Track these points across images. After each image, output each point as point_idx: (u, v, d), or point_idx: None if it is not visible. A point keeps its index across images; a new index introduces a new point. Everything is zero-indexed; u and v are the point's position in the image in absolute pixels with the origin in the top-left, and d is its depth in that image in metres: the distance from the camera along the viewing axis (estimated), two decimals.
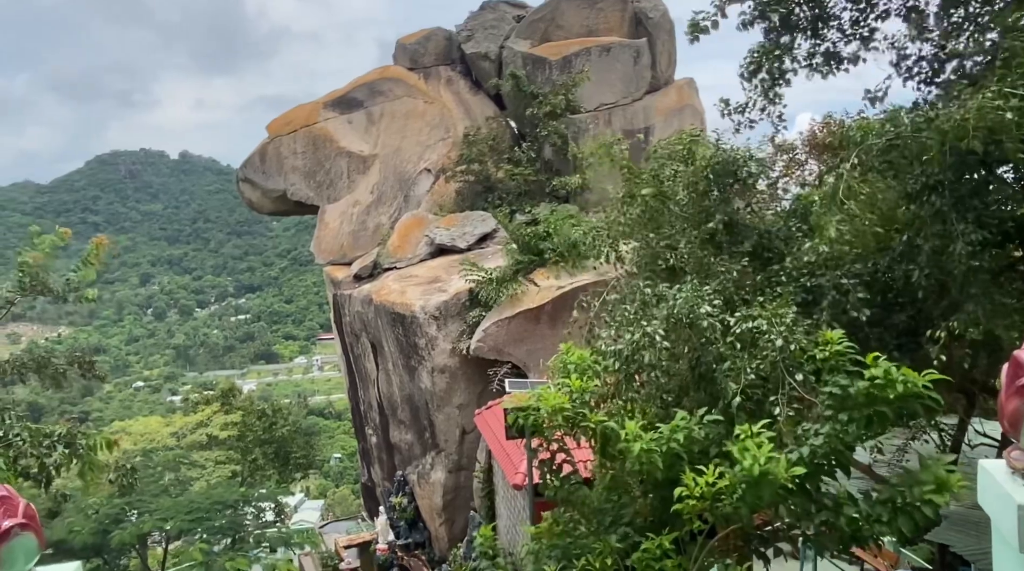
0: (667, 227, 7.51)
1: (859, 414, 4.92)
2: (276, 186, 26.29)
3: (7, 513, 1.97)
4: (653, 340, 6.11)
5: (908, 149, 5.94)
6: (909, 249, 6.36)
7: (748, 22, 7.47)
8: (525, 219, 21.17)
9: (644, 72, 25.22)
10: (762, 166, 7.30)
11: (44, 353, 8.75)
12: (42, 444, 7.01)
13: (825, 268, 6.56)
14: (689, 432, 5.49)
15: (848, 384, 4.95)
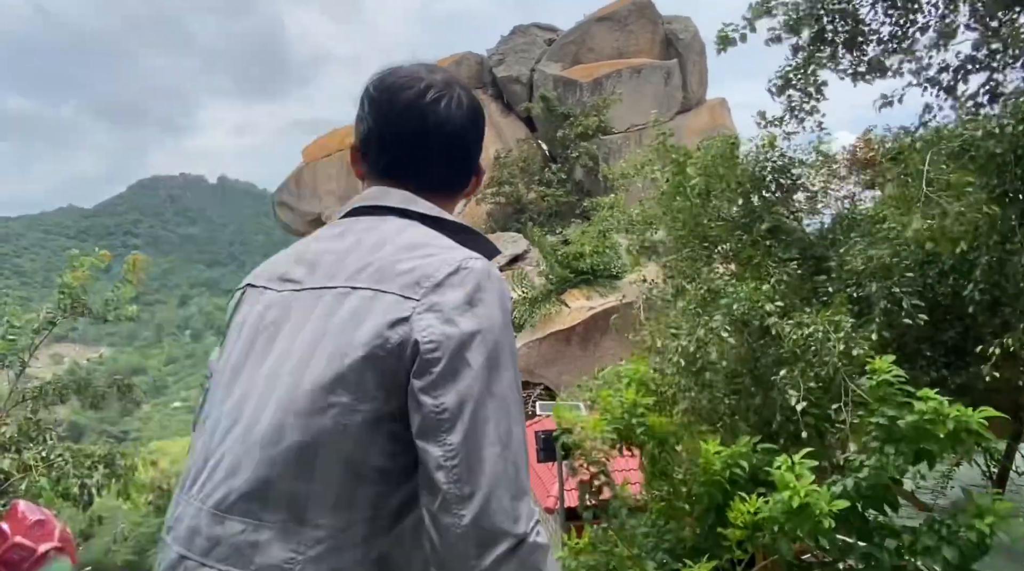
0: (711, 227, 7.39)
1: (907, 448, 4.73)
2: (311, 209, 26.73)
3: (44, 536, 1.99)
4: (720, 336, 5.90)
5: (979, 156, 5.76)
6: (962, 261, 6.16)
7: (775, 38, 7.40)
8: (556, 240, 21.18)
9: (675, 93, 25.20)
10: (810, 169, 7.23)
11: (85, 375, 8.96)
12: (83, 465, 7.13)
13: (873, 278, 6.39)
14: (750, 458, 5.34)
15: (896, 416, 4.77)
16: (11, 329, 8.09)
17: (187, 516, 1.02)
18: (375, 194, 1.21)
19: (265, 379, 1.04)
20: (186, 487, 1.05)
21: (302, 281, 1.11)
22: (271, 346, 1.07)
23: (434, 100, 1.22)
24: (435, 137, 1.22)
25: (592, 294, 18.44)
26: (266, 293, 1.14)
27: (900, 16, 7.23)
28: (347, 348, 0.99)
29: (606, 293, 18.39)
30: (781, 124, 7.53)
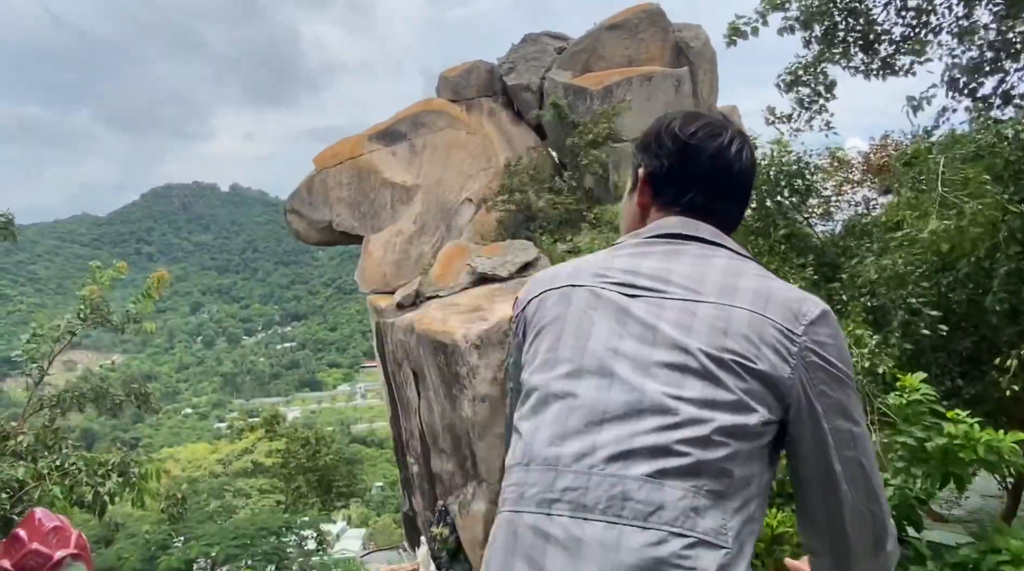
0: None
1: (934, 470, 4.64)
2: (322, 217, 26.86)
3: (60, 543, 2.02)
4: None
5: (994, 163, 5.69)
6: (977, 270, 6.09)
7: (789, 28, 7.35)
8: (566, 248, 21.17)
9: (686, 100, 25.19)
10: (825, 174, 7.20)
11: (101, 383, 9.05)
12: (97, 473, 7.18)
13: (888, 286, 6.33)
14: None
15: (925, 437, 4.66)
16: (34, 337, 8.19)
17: (594, 486, 1.09)
18: (684, 224, 1.37)
19: (666, 370, 1.16)
20: (565, 462, 1.13)
21: (664, 291, 1.25)
22: (652, 343, 1.19)
23: (737, 151, 1.41)
24: (736, 182, 1.42)
25: None
26: (607, 293, 1.28)
27: (913, 16, 7.21)
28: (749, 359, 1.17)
29: None
30: (789, 121, 7.50)
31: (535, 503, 1.11)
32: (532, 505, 1.11)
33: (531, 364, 1.28)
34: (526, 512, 1.11)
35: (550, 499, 1.10)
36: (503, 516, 1.15)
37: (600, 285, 1.29)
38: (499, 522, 1.15)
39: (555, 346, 1.25)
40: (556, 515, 1.08)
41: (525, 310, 1.38)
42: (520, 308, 1.40)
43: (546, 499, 1.10)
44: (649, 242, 1.36)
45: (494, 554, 1.13)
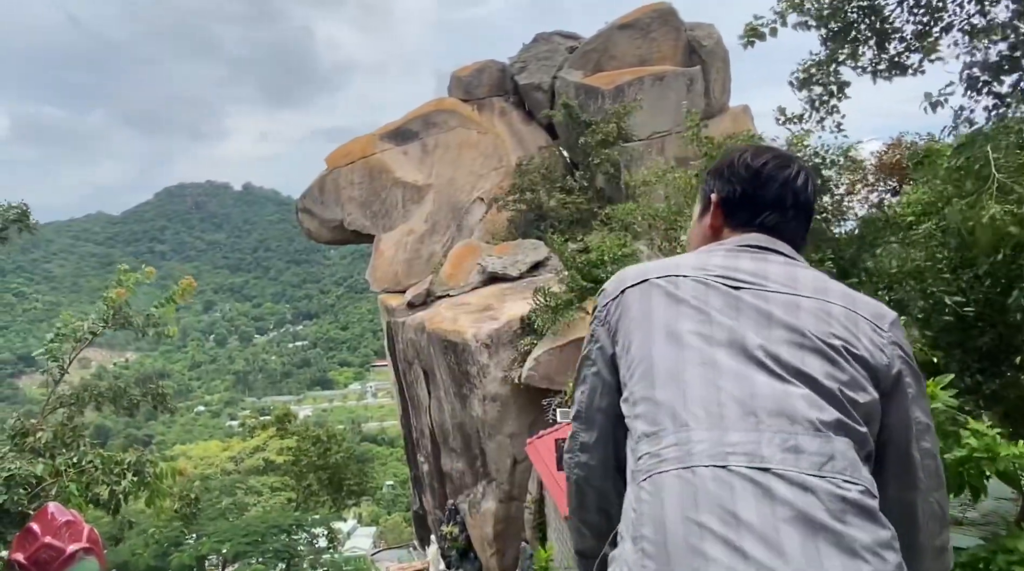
0: None
1: (953, 481, 4.58)
2: (334, 216, 26.96)
3: (72, 538, 2.03)
4: None
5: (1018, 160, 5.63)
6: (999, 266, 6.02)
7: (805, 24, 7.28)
8: (577, 247, 21.14)
9: (698, 100, 25.09)
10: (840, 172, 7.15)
11: (119, 382, 9.14)
12: (113, 472, 7.24)
13: (908, 278, 6.29)
14: None
15: (944, 449, 4.60)
16: (58, 336, 8.28)
17: (766, 441, 1.15)
18: (765, 239, 1.52)
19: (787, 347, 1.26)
20: (730, 420, 1.19)
21: (765, 286, 1.37)
22: (768, 325, 1.29)
23: (804, 181, 1.58)
24: (803, 207, 1.58)
25: None
26: (715, 283, 1.38)
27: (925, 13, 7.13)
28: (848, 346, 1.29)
29: None
30: (800, 121, 7.45)
31: (707, 457, 1.13)
32: (705, 459, 1.13)
33: (645, 343, 1.33)
34: (699, 466, 1.12)
35: (725, 452, 1.13)
36: (668, 476, 1.14)
37: (704, 277, 1.39)
38: (660, 482, 1.15)
39: (675, 324, 1.32)
40: (735, 467, 1.11)
41: (620, 299, 1.44)
42: (611, 297, 1.47)
43: (720, 452, 1.13)
44: (737, 250, 1.49)
45: (669, 509, 1.11)
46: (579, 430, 1.49)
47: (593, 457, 1.47)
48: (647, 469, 1.18)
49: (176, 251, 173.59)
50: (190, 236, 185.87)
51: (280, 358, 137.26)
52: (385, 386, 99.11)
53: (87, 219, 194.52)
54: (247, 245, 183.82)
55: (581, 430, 1.49)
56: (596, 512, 1.51)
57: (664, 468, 1.15)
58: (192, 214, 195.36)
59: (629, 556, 1.12)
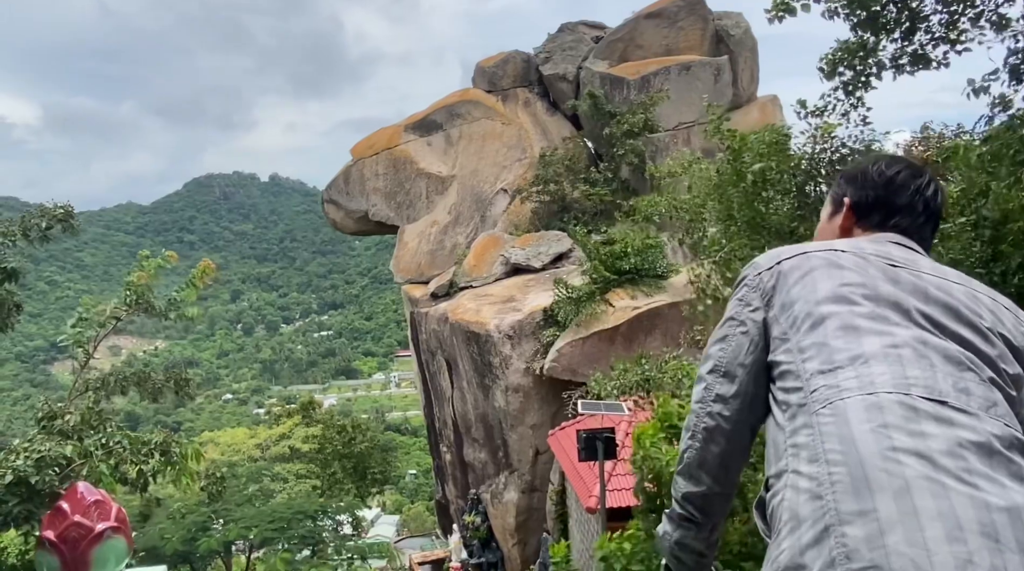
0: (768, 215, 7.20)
1: None
2: (359, 207, 27.13)
3: (101, 516, 2.07)
4: None
5: None
6: None
7: (835, 11, 7.10)
8: (601, 239, 21.06)
9: (725, 90, 24.79)
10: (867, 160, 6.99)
11: (144, 368, 9.32)
12: (140, 452, 7.41)
13: None
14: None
15: None
16: (80, 321, 8.44)
17: (940, 379, 1.23)
18: (901, 239, 1.63)
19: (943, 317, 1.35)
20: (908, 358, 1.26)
21: (918, 268, 1.47)
22: (925, 300, 1.38)
23: (934, 190, 1.70)
24: (932, 216, 1.70)
25: (637, 294, 18.29)
26: (873, 258, 1.47)
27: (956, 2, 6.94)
28: None
29: (651, 293, 18.21)
30: (822, 115, 7.30)
31: (891, 386, 1.20)
32: (888, 387, 1.20)
33: (810, 301, 1.41)
34: (883, 392, 1.19)
35: (906, 383, 1.20)
36: (851, 400, 1.20)
37: (862, 253, 1.48)
38: (842, 407, 1.20)
39: (840, 287, 1.40)
40: (916, 395, 1.18)
41: (776, 269, 1.53)
42: (765, 268, 1.55)
43: (902, 383, 1.20)
44: (883, 241, 1.60)
45: (855, 425, 1.16)
46: (716, 383, 1.56)
47: (728, 408, 1.53)
48: (825, 398, 1.24)
49: (204, 241, 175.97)
50: (218, 226, 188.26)
51: (306, 347, 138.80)
52: (409, 376, 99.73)
53: (118, 209, 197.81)
54: (274, 235, 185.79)
55: (718, 383, 1.55)
56: (718, 463, 1.57)
57: (846, 396, 1.22)
58: (220, 204, 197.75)
59: (812, 475, 1.15)
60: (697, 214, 8.28)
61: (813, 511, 1.13)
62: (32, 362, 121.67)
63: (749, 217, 7.17)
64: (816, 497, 1.13)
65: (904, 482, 1.07)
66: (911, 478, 1.08)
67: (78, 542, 2.01)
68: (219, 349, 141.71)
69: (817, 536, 1.10)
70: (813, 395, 1.26)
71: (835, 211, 1.80)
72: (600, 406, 10.86)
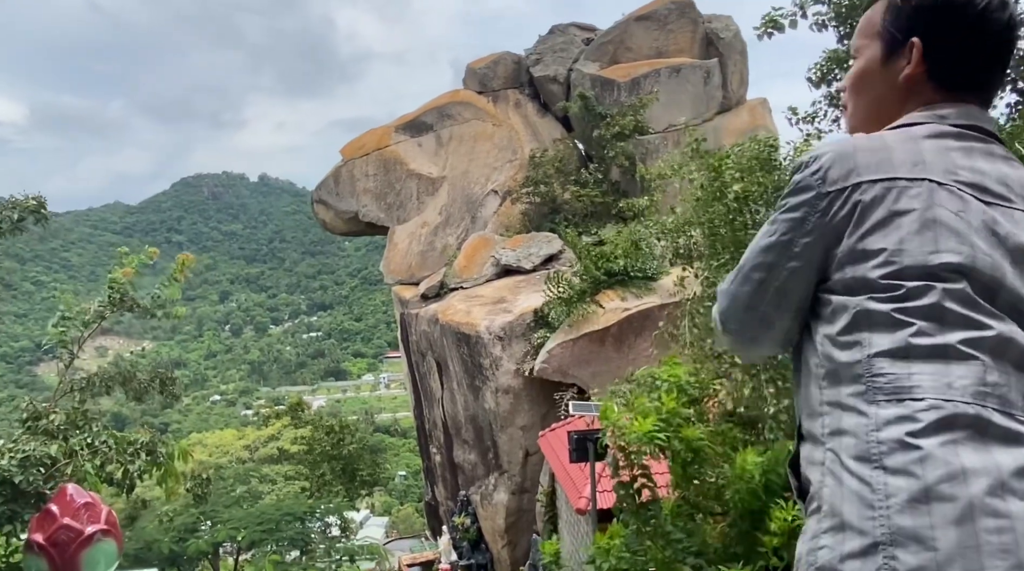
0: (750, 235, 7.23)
1: None
2: (349, 207, 27.04)
3: (91, 519, 2.05)
4: None
5: None
6: None
7: (823, 23, 7.17)
8: (591, 240, 21.08)
9: (715, 92, 24.90)
10: None
11: (129, 368, 9.24)
12: (126, 452, 7.35)
13: None
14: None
15: None
16: (63, 320, 8.35)
17: (1013, 384, 1.12)
18: (984, 117, 1.32)
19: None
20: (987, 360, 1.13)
21: (1011, 200, 1.24)
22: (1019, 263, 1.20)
23: (997, 9, 1.29)
24: (1005, 49, 1.31)
25: (627, 295, 18.33)
26: (968, 198, 1.22)
27: None
28: None
29: (641, 294, 18.25)
30: (813, 121, 7.35)
31: (970, 395, 1.08)
32: (968, 396, 1.08)
33: (895, 264, 1.19)
34: (959, 401, 1.08)
35: (984, 392, 1.09)
36: (922, 404, 1.08)
37: (958, 186, 1.22)
38: (913, 407, 1.08)
39: (930, 257, 1.18)
40: (991, 408, 1.08)
41: (857, 195, 1.23)
42: (835, 186, 1.25)
43: (980, 392, 1.09)
44: (968, 142, 1.30)
45: (924, 437, 1.05)
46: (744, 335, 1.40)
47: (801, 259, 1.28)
48: (892, 389, 1.11)
49: (193, 241, 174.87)
50: (206, 226, 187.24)
51: (294, 348, 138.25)
52: (398, 377, 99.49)
53: (105, 208, 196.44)
54: (263, 236, 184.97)
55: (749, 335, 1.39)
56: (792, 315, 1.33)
57: (917, 394, 1.09)
58: (208, 204, 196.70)
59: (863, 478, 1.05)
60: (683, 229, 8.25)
61: (862, 519, 1.04)
62: (18, 363, 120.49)
63: (731, 236, 7.16)
64: (868, 506, 1.04)
65: (969, 506, 0.98)
66: (977, 503, 0.98)
67: (67, 545, 1.98)
68: (207, 350, 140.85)
69: (864, 549, 1.01)
70: (875, 379, 1.13)
71: (891, 53, 1.38)
72: (591, 407, 10.85)
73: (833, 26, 7.07)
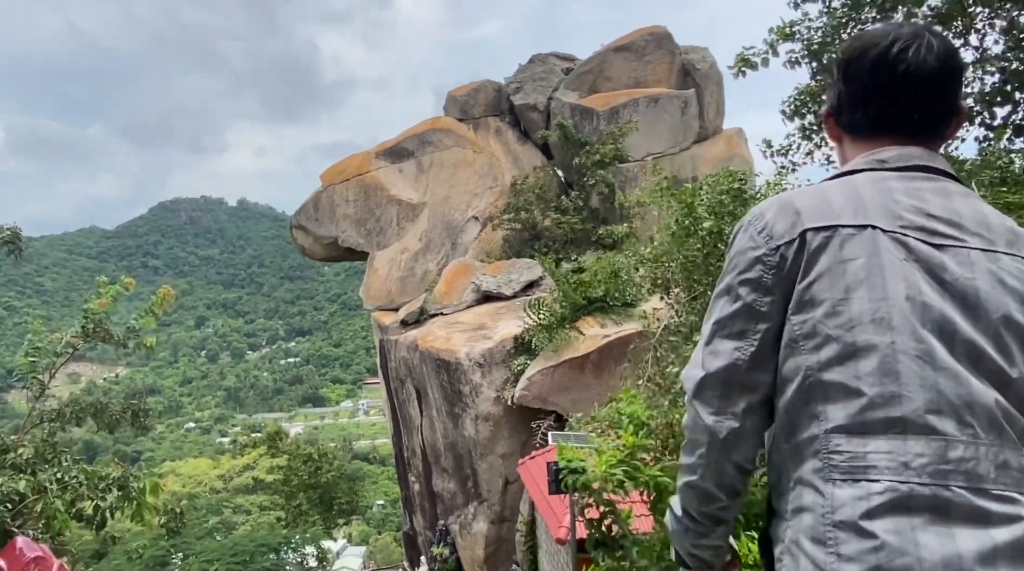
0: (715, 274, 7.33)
1: None
2: (328, 233, 26.94)
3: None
4: None
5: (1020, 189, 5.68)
6: None
7: (796, 60, 7.33)
8: (571, 267, 21.16)
9: (692, 122, 25.30)
10: None
11: (101, 398, 9.07)
12: (97, 487, 7.17)
13: None
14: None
15: None
16: (33, 350, 8.20)
17: (983, 456, 1.05)
18: (919, 155, 1.29)
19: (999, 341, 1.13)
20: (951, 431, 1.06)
21: (963, 239, 1.18)
22: (975, 309, 1.13)
23: (902, 50, 1.28)
24: (931, 87, 1.28)
25: (606, 322, 18.37)
26: (915, 243, 1.18)
27: None
28: None
29: (620, 321, 18.30)
30: (787, 154, 7.47)
31: (928, 475, 1.03)
32: (926, 476, 1.03)
33: (842, 314, 1.15)
34: (915, 483, 1.03)
35: (944, 471, 1.03)
36: (876, 486, 1.04)
37: (903, 232, 1.18)
38: (869, 489, 1.04)
39: (879, 305, 1.13)
40: (955, 486, 1.03)
41: (800, 247, 1.22)
42: (784, 239, 1.24)
43: (940, 471, 1.03)
44: (912, 175, 1.27)
45: (880, 523, 1.01)
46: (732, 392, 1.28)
47: (748, 420, 1.27)
48: (848, 469, 1.07)
49: (169, 266, 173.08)
50: (184, 251, 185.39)
51: (272, 375, 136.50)
52: (377, 404, 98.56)
53: (80, 233, 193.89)
54: (241, 261, 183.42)
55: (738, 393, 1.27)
56: (729, 478, 1.33)
57: (872, 475, 1.06)
58: (186, 229, 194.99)
59: (818, 562, 1.03)
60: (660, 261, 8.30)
61: None
62: None
63: (705, 269, 7.22)
64: None
65: None
66: None
67: None
68: (182, 376, 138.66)
69: None
70: (831, 456, 1.10)
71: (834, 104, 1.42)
72: (570, 437, 10.81)
73: (806, 62, 7.23)
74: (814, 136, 7.30)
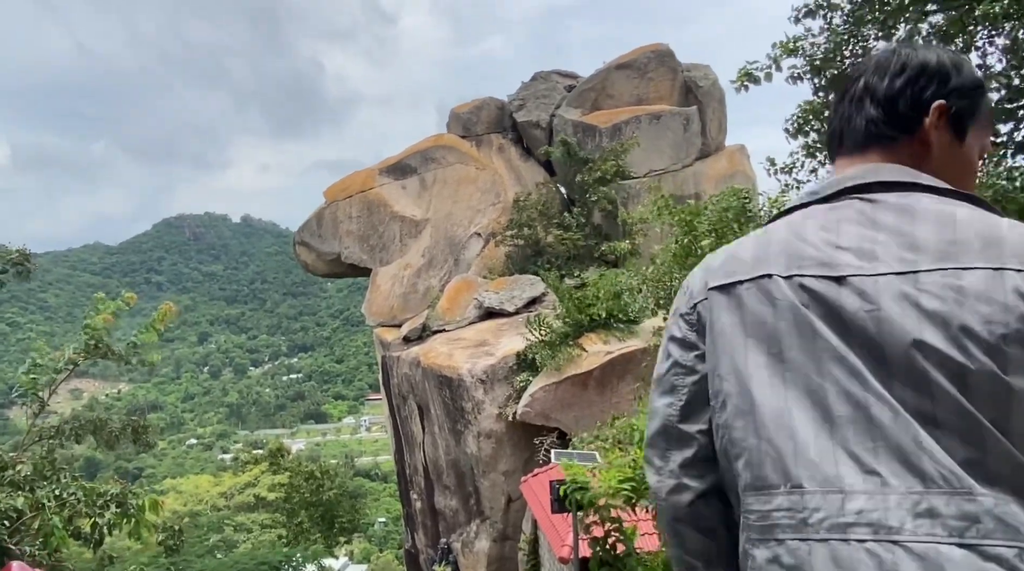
0: None
1: None
2: (331, 249, 26.98)
3: None
4: None
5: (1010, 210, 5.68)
6: None
7: (798, 76, 7.33)
8: (574, 283, 21.15)
9: (694, 139, 25.37)
10: None
11: (103, 412, 9.04)
12: (95, 504, 7.11)
13: None
14: None
15: None
16: (34, 367, 8.18)
17: (894, 505, 0.97)
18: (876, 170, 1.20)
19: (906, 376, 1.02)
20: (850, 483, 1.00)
21: (873, 266, 1.08)
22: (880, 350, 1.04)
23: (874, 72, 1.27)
24: (867, 98, 1.26)
25: (609, 339, 18.31)
26: (810, 282, 1.11)
27: None
28: None
29: (624, 337, 18.25)
30: (791, 172, 7.45)
31: (825, 529, 0.99)
32: (823, 531, 0.99)
33: (737, 373, 1.12)
34: (815, 540, 0.99)
35: (843, 524, 0.98)
36: (780, 548, 1.02)
37: (800, 278, 1.12)
38: (774, 553, 1.02)
39: (776, 362, 1.09)
40: (854, 539, 0.97)
41: (709, 300, 1.21)
42: (699, 298, 1.23)
43: (838, 524, 0.98)
44: (837, 203, 1.21)
45: None
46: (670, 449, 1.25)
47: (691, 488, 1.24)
48: (758, 536, 1.06)
49: (173, 282, 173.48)
50: (187, 267, 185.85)
51: (274, 391, 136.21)
52: (379, 420, 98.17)
53: (85, 249, 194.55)
54: (244, 277, 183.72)
55: (674, 450, 1.25)
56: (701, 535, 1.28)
57: (779, 535, 1.03)
58: (190, 245, 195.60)
59: None
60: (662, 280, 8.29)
61: None
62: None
63: None
64: None
65: None
66: None
67: None
68: (184, 392, 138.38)
69: None
70: (747, 517, 1.09)
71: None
72: (573, 455, 10.73)
73: (808, 78, 7.23)
74: (818, 154, 7.28)
